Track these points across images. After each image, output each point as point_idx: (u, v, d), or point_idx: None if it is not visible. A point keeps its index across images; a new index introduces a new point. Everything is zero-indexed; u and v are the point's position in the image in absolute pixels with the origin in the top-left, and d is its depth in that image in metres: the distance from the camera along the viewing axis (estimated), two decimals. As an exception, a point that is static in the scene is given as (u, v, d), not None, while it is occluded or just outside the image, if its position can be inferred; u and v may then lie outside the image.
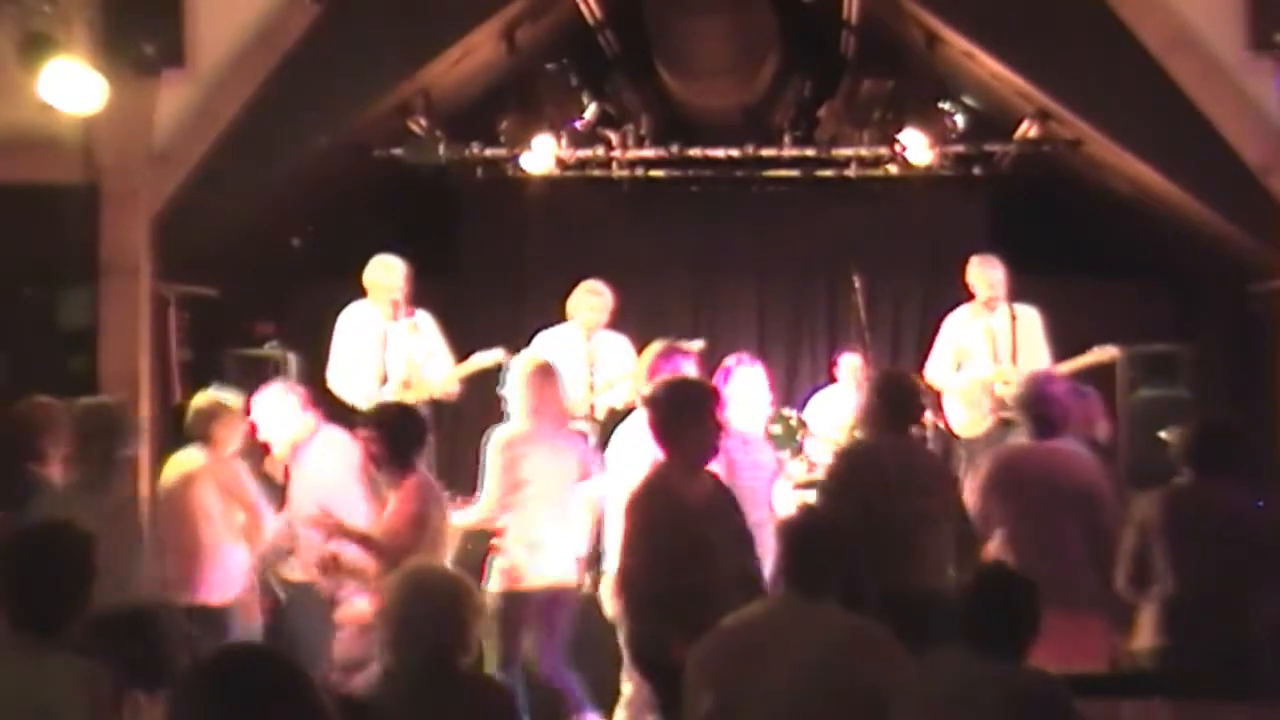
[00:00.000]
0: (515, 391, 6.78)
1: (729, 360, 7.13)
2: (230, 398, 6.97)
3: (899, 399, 6.13)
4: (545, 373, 6.84)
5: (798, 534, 4.42)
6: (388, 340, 8.20)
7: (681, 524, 5.41)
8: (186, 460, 6.85)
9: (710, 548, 5.40)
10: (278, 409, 7.11)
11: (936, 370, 8.88)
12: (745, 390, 6.87)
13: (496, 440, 6.71)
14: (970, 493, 6.32)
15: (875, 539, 5.50)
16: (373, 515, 6.52)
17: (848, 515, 5.59)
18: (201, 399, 6.97)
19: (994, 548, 6.06)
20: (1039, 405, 6.28)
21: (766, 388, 7.11)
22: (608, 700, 6.49)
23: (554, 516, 6.61)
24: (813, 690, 4.15)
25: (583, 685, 6.66)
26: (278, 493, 7.11)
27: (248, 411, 7.03)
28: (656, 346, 7.27)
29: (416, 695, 3.85)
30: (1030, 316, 8.65)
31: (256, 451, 7.26)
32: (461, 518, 6.80)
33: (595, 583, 6.77)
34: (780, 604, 4.36)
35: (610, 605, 6.45)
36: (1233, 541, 5.62)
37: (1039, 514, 6.09)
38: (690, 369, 7.06)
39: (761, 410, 7.17)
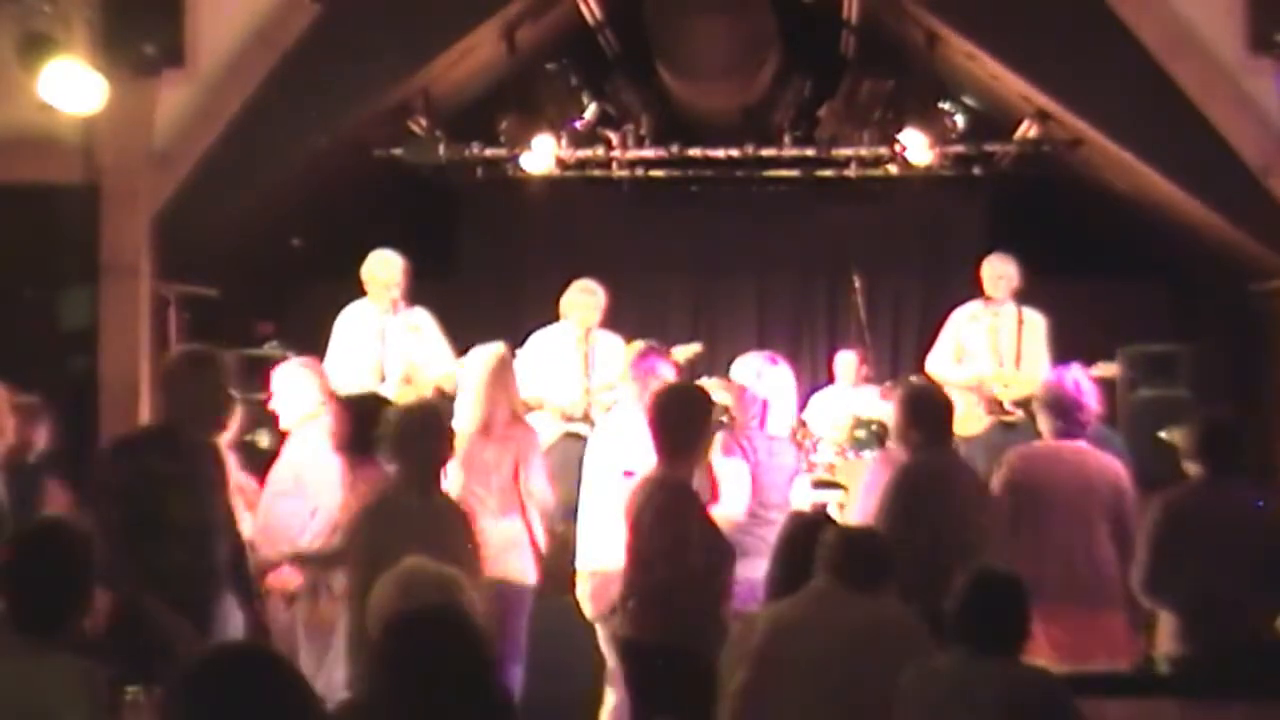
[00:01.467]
0: (470, 385, 6.77)
1: (751, 360, 7.06)
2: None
3: (933, 415, 6.07)
4: (503, 367, 6.83)
5: (848, 535, 4.54)
6: (385, 337, 8.18)
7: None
8: None
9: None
10: (294, 382, 7.05)
11: (938, 363, 8.88)
12: (774, 390, 6.83)
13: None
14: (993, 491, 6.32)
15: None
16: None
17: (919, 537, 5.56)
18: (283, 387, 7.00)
19: (1018, 547, 6.02)
20: (1063, 406, 6.24)
21: (794, 388, 7.08)
22: (589, 708, 6.44)
23: (493, 512, 6.53)
24: (831, 679, 4.25)
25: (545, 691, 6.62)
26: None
27: (266, 397, 7.03)
28: (636, 346, 7.28)
29: (411, 694, 3.81)
30: (1036, 322, 8.63)
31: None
32: None
33: (570, 584, 6.70)
34: (815, 594, 4.44)
35: (589, 606, 6.45)
36: (1249, 540, 5.60)
37: (1068, 512, 6.07)
38: (667, 371, 7.06)
39: (789, 411, 7.13)
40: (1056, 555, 5.96)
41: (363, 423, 6.09)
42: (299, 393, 6.88)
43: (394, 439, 5.61)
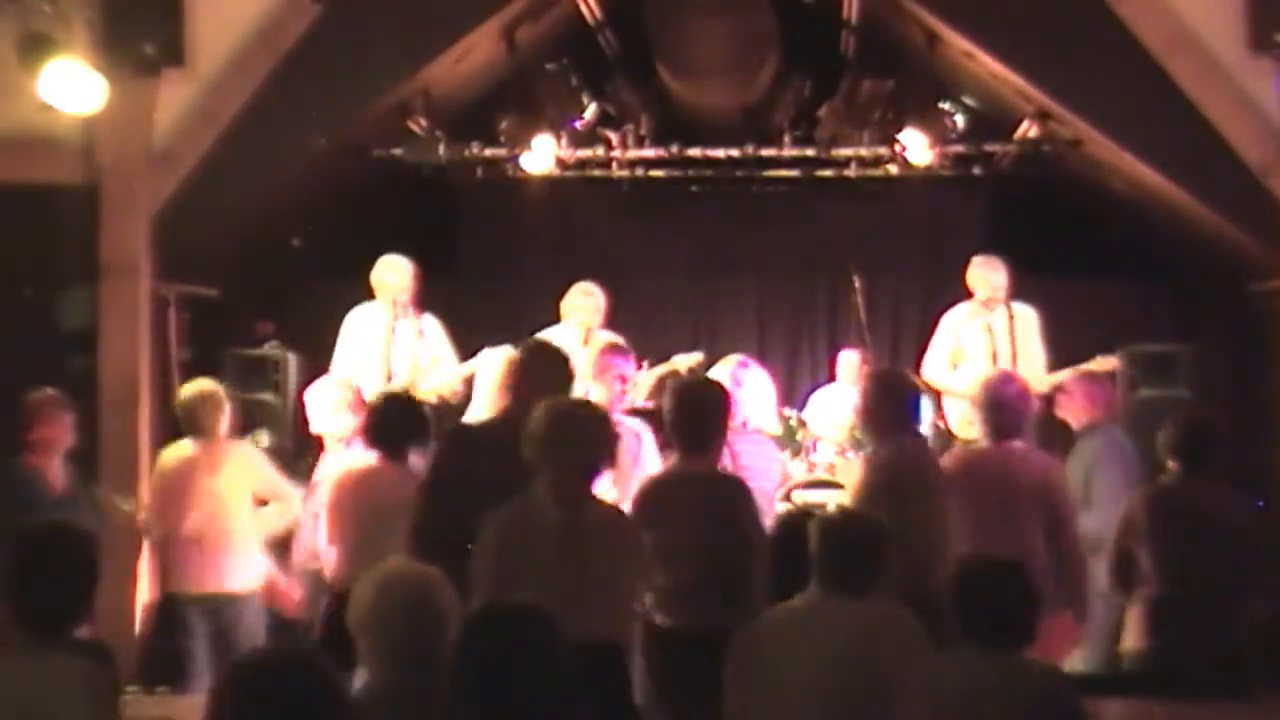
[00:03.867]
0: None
1: (730, 363, 7.11)
2: (213, 384, 7.01)
3: (901, 400, 6.10)
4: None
5: (833, 533, 4.47)
6: (393, 340, 8.20)
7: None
8: (181, 450, 6.91)
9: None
10: (323, 402, 7.06)
11: (933, 369, 8.87)
12: (756, 392, 6.87)
13: None
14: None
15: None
16: None
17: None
18: (187, 390, 7.03)
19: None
20: (993, 410, 6.25)
21: (771, 390, 7.13)
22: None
23: None
24: (837, 685, 4.25)
25: None
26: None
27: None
28: (597, 345, 7.36)
29: (400, 694, 3.80)
30: (1028, 316, 8.63)
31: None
32: None
33: None
34: (811, 601, 4.43)
35: None
36: (1217, 539, 5.65)
37: (998, 514, 6.06)
38: (629, 369, 7.12)
39: (770, 411, 7.17)
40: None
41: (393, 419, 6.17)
42: (327, 413, 6.92)
43: (539, 440, 4.92)
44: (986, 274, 8.64)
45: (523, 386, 5.34)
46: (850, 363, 9.68)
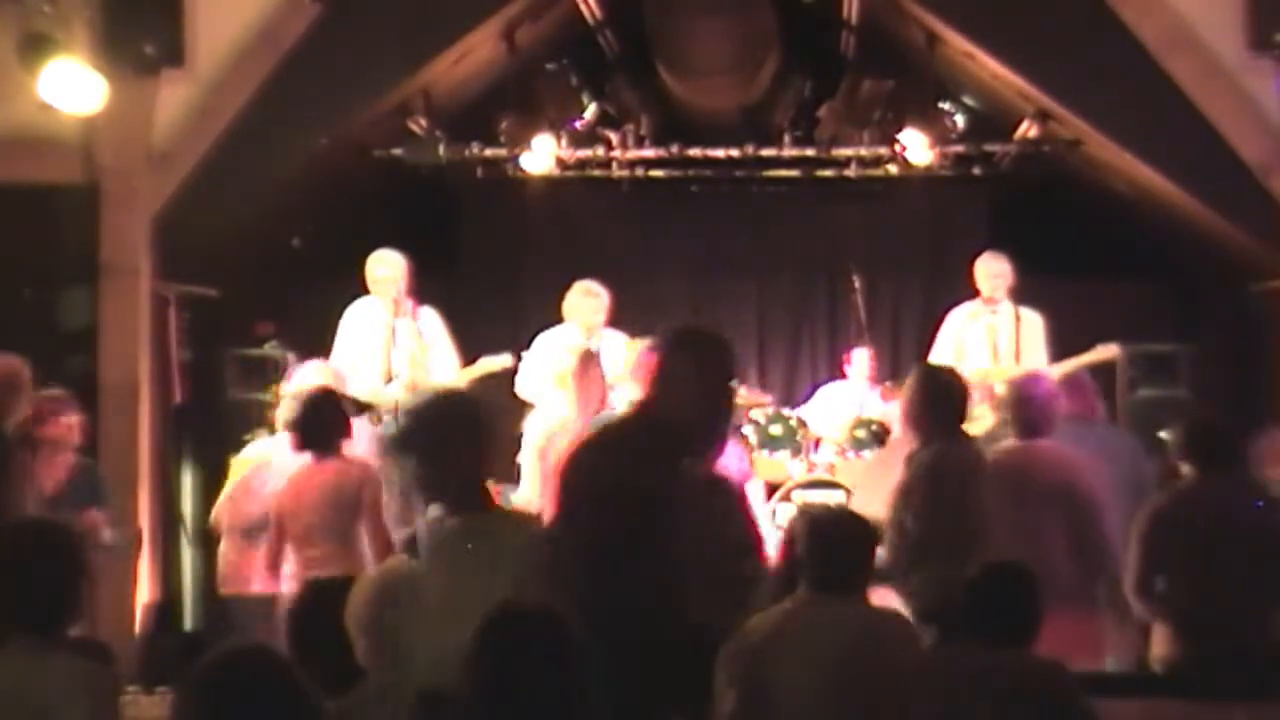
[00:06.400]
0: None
1: None
2: None
3: (948, 401, 5.97)
4: (588, 361, 7.09)
5: (822, 533, 4.45)
6: (393, 338, 8.20)
7: None
8: (266, 450, 6.94)
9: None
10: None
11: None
12: None
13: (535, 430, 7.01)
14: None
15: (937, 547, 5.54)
16: None
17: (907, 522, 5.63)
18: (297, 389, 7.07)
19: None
20: (1019, 407, 6.26)
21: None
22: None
23: None
24: (835, 686, 4.22)
25: None
26: None
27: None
28: (637, 347, 7.36)
29: (398, 695, 3.78)
30: (1033, 320, 8.61)
31: None
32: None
33: None
34: (803, 603, 4.41)
35: None
36: (1239, 540, 5.60)
37: (1016, 511, 6.01)
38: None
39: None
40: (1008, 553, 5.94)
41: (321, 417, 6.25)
42: None
43: None
44: (987, 265, 8.62)
45: (669, 380, 4.24)
46: (863, 360, 9.66)
